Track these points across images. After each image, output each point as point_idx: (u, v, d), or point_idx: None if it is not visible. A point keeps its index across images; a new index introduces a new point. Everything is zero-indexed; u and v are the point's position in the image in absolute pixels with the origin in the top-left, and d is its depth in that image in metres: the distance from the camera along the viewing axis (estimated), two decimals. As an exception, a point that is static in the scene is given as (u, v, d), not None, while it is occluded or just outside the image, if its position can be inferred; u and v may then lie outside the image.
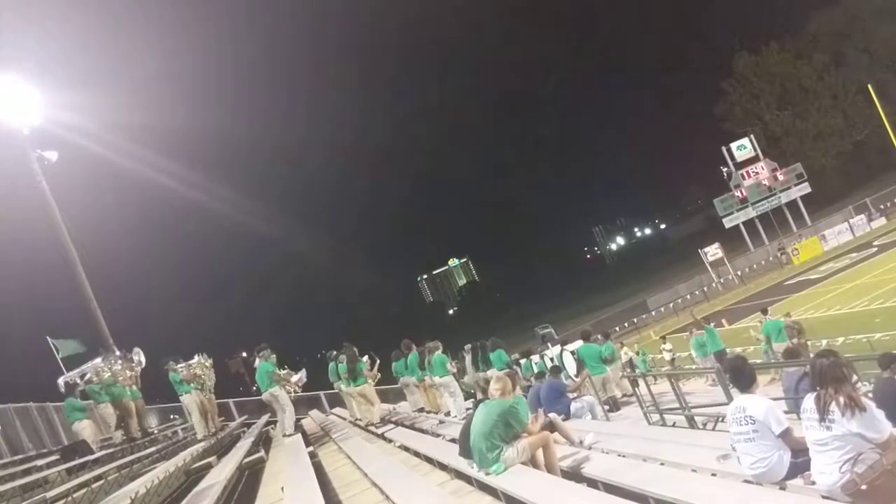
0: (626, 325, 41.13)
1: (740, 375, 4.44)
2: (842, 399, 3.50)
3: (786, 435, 3.97)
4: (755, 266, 42.73)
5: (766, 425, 3.99)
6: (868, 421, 3.46)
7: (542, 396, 9.54)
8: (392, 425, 11.35)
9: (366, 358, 12.09)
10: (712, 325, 17.83)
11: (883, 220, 40.27)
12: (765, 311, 16.47)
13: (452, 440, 7.68)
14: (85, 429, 10.93)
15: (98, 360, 12.32)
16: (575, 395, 10.57)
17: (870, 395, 5.13)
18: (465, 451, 5.67)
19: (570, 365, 14.00)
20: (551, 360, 14.31)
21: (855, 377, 4.79)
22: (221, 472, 7.21)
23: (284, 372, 10.81)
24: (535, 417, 6.14)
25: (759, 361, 13.93)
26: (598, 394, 10.89)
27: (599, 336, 13.61)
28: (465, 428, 5.76)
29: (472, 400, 10.50)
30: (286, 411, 10.64)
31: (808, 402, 3.74)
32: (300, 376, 11.14)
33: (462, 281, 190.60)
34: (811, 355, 8.71)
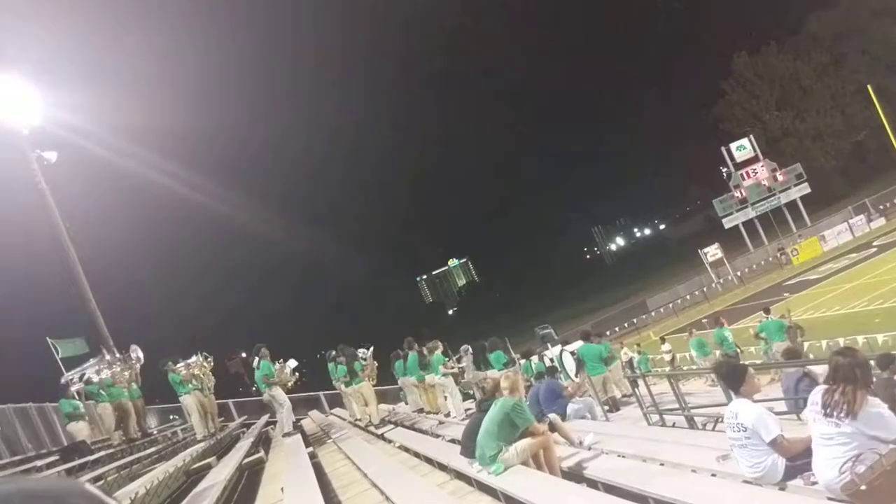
0: (625, 325, 41.14)
1: (726, 377, 4.45)
2: (852, 398, 3.50)
3: (776, 444, 3.91)
4: (755, 266, 42.74)
5: (757, 433, 3.95)
6: (877, 420, 3.45)
7: (542, 397, 9.54)
8: (392, 426, 11.36)
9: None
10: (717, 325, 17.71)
11: (882, 221, 40.24)
12: (767, 311, 16.37)
13: (452, 441, 7.68)
14: (81, 430, 10.93)
15: (96, 361, 12.33)
16: (570, 392, 10.54)
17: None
18: (467, 451, 5.67)
19: (570, 365, 13.97)
20: (551, 360, 14.27)
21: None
22: (221, 473, 7.21)
23: (278, 366, 10.88)
24: (537, 427, 6.12)
25: (758, 362, 13.93)
26: (597, 394, 10.89)
27: (596, 335, 13.63)
28: (468, 428, 5.76)
29: (473, 400, 10.50)
30: (283, 408, 10.68)
31: (818, 395, 3.69)
32: (290, 366, 11.26)
33: (462, 281, 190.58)
34: (810, 356, 8.72)
